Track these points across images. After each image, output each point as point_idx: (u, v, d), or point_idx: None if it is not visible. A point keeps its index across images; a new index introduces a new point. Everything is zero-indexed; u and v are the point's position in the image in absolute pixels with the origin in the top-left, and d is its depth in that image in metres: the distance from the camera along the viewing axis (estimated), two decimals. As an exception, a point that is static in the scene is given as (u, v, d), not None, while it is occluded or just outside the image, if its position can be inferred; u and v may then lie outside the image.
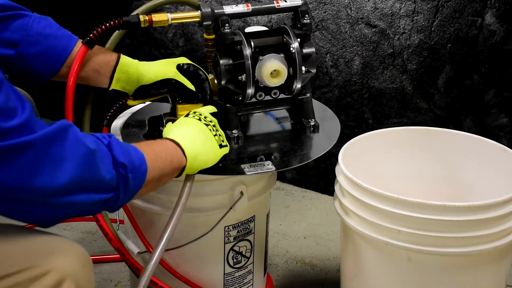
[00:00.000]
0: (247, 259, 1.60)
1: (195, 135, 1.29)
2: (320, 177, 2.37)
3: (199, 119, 1.33)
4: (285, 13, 2.15)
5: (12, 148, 0.94)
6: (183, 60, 1.50)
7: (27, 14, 1.34)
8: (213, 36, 1.49)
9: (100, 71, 1.42)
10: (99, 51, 1.42)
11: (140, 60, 1.48)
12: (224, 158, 1.35)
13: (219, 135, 1.34)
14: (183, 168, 1.25)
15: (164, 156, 1.21)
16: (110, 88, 1.44)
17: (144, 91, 1.46)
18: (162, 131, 1.35)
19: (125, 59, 1.44)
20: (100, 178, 1.05)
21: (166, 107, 1.55)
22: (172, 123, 1.34)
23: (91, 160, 1.04)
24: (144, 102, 1.57)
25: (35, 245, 1.10)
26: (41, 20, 1.35)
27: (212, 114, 1.37)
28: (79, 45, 1.38)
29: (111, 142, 1.11)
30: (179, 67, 1.47)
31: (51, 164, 0.98)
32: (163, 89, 1.47)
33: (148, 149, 1.17)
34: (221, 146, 1.33)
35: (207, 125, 1.32)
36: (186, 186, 1.29)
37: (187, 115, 1.35)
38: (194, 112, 1.35)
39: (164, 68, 1.46)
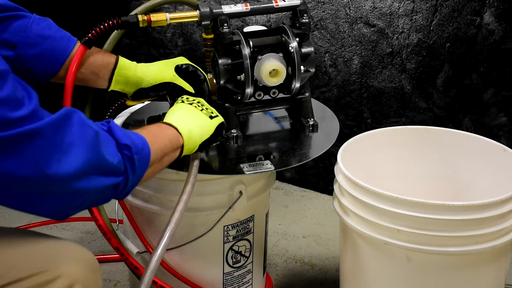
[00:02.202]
0: (246, 259, 1.60)
1: (182, 114, 1.30)
2: (319, 176, 2.37)
3: (182, 101, 1.35)
4: (283, 13, 2.15)
5: (21, 136, 0.94)
6: (182, 60, 1.50)
7: (27, 15, 1.34)
8: (211, 36, 1.49)
9: (98, 74, 1.42)
10: (97, 53, 1.42)
11: (139, 60, 1.48)
12: (221, 131, 1.35)
13: (206, 108, 1.35)
14: (182, 146, 1.26)
15: (161, 136, 1.22)
16: (109, 90, 1.44)
17: (143, 93, 1.47)
18: None
19: (123, 62, 1.44)
20: (108, 161, 1.05)
21: (165, 107, 1.55)
22: None
23: (99, 143, 1.04)
24: (143, 102, 1.57)
25: (45, 250, 1.10)
26: (40, 21, 1.35)
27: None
28: (78, 46, 1.38)
29: (111, 127, 1.11)
30: (178, 68, 1.47)
31: (61, 150, 0.98)
32: (162, 92, 1.47)
33: (146, 131, 1.19)
34: (211, 117, 1.33)
35: (191, 104, 1.34)
36: (188, 183, 1.29)
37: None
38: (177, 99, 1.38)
39: (163, 71, 1.46)
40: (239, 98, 1.46)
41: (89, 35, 1.37)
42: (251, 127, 1.57)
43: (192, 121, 1.29)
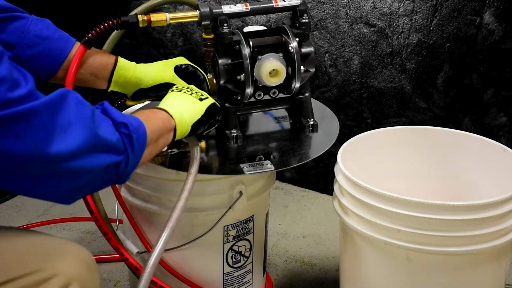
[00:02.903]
0: (246, 259, 1.60)
1: (172, 99, 1.31)
2: (319, 176, 2.37)
3: (172, 90, 1.36)
4: (283, 13, 2.15)
5: (18, 115, 0.93)
6: (181, 60, 1.50)
7: (25, 16, 1.34)
8: (211, 36, 1.49)
9: (98, 75, 1.42)
10: (96, 54, 1.42)
11: (139, 60, 1.48)
12: (214, 112, 1.35)
13: (196, 92, 1.36)
14: (175, 129, 1.26)
15: (154, 118, 1.22)
16: (109, 90, 1.45)
17: (143, 93, 1.47)
18: None
19: (122, 62, 1.44)
20: (107, 139, 1.05)
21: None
22: None
23: (96, 120, 1.04)
24: (143, 103, 1.58)
25: (41, 248, 1.10)
26: (38, 22, 1.35)
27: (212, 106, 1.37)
28: (76, 47, 1.38)
29: (105, 108, 1.11)
30: (177, 68, 1.47)
31: (59, 129, 0.98)
32: (162, 92, 1.47)
33: (138, 114, 1.19)
34: (201, 99, 1.34)
35: (180, 90, 1.35)
36: (188, 180, 1.29)
37: None
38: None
39: (162, 71, 1.46)
40: (239, 98, 1.46)
41: (89, 35, 1.37)
42: (251, 127, 1.57)
43: (181, 104, 1.30)
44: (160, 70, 1.46)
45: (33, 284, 1.05)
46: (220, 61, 1.43)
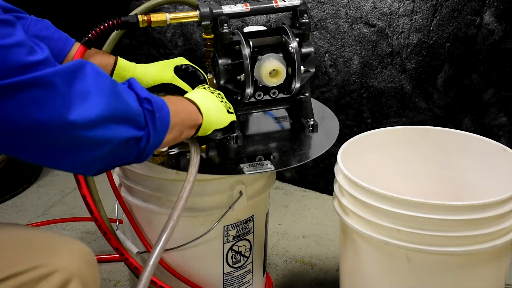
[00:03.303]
0: (246, 259, 1.60)
1: (204, 96, 1.30)
2: (319, 176, 2.37)
3: (204, 88, 1.34)
4: (283, 13, 2.15)
5: (38, 81, 0.93)
6: (181, 61, 1.50)
7: (24, 16, 1.34)
8: (211, 36, 1.49)
9: None
10: (96, 54, 1.42)
11: (138, 60, 1.48)
12: (233, 128, 1.36)
13: (226, 102, 1.35)
14: (199, 125, 1.25)
15: (182, 107, 1.21)
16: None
17: None
18: None
19: (122, 63, 1.44)
20: (129, 110, 1.04)
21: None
22: None
23: (118, 93, 1.04)
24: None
25: (41, 244, 1.10)
26: (37, 22, 1.35)
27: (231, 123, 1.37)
28: (75, 47, 1.38)
29: (131, 82, 1.10)
30: (177, 69, 1.47)
31: (79, 97, 0.97)
32: (161, 93, 1.47)
33: (165, 98, 1.17)
34: (228, 111, 1.33)
35: (212, 92, 1.34)
36: (189, 180, 1.29)
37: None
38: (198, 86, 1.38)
39: (162, 72, 1.46)
40: (239, 98, 1.46)
41: (89, 35, 1.37)
42: (251, 127, 1.57)
43: (212, 106, 1.29)
44: (160, 71, 1.47)
45: (34, 280, 1.05)
46: (220, 61, 1.43)
